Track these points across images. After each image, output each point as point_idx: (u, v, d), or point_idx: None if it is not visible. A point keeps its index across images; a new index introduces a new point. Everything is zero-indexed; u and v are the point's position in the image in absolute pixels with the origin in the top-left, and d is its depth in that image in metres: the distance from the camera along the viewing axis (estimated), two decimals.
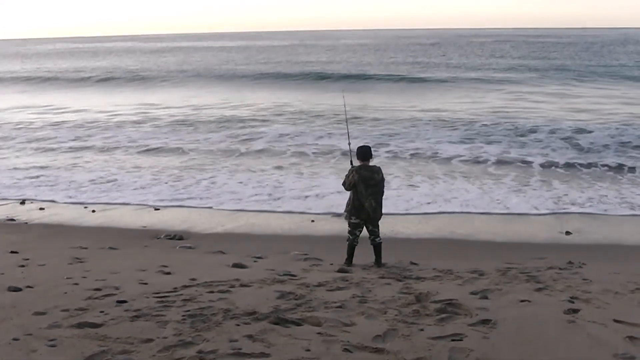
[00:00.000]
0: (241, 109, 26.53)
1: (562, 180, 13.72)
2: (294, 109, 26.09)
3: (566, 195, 12.42)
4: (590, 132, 19.12)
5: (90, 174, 15.07)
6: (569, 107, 25.54)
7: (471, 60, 54.68)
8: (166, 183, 13.95)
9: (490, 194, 12.58)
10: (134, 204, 12.31)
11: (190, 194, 12.98)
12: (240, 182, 13.89)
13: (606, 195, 12.38)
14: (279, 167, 15.44)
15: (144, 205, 12.26)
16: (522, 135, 18.90)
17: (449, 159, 16.10)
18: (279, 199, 12.47)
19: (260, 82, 38.40)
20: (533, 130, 19.54)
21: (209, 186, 13.62)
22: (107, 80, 43.13)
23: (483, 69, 44.14)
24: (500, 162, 15.64)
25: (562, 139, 18.33)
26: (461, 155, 16.49)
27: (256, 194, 12.82)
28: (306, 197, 12.54)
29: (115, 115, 25.64)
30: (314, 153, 17.15)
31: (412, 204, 11.90)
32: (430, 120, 22.18)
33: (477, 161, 15.86)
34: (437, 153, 16.79)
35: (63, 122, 24.11)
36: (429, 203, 11.96)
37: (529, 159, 15.96)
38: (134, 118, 24.56)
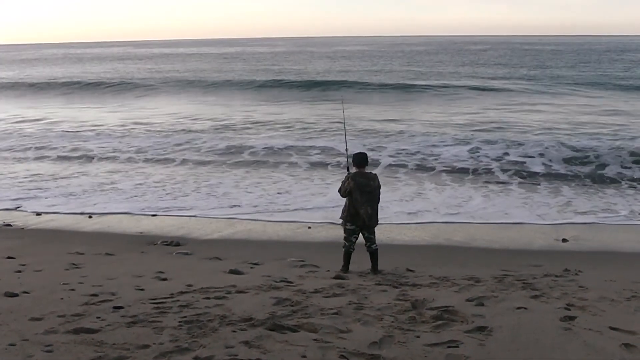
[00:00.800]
0: (239, 117, 26.48)
1: (564, 188, 13.78)
2: (291, 117, 26.09)
3: (569, 203, 12.49)
4: (586, 139, 19.17)
5: (86, 180, 15.07)
6: (565, 114, 25.60)
7: (466, 68, 54.82)
8: (163, 190, 13.95)
9: (493, 202, 12.62)
10: (130, 211, 12.30)
11: (186, 201, 12.98)
12: (238, 189, 13.92)
13: (614, 204, 12.44)
14: (276, 175, 15.48)
15: (141, 211, 12.25)
16: (519, 144, 18.90)
17: (447, 166, 16.15)
18: (276, 206, 12.48)
19: (256, 90, 38.34)
20: (530, 138, 19.57)
21: (207, 193, 13.63)
22: (98, 86, 42.92)
23: (479, 77, 44.26)
24: (500, 170, 15.67)
25: (559, 146, 18.35)
26: (462, 161, 16.60)
27: (253, 201, 12.83)
28: (304, 204, 12.55)
29: (110, 122, 25.57)
30: (311, 161, 17.16)
31: (413, 213, 11.91)
32: (426, 127, 22.22)
33: (476, 169, 15.90)
34: (436, 161, 16.80)
35: (57, 129, 24.01)
36: (429, 211, 12.00)
37: (528, 167, 16.04)
38: (129, 125, 24.45)
